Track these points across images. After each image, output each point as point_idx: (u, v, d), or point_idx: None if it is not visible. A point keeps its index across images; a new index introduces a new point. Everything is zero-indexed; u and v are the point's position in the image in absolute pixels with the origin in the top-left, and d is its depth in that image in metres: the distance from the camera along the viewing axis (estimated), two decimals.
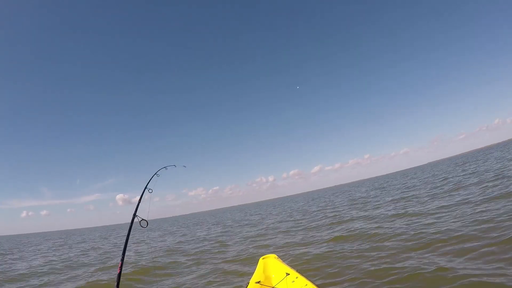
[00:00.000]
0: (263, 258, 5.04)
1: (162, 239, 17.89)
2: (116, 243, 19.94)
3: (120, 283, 3.27)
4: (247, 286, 4.13)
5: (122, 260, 3.40)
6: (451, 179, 17.62)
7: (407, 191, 17.58)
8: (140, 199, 3.93)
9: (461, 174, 19.12)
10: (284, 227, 13.35)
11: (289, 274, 4.09)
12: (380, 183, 43.18)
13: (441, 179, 19.62)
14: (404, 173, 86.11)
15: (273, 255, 5.11)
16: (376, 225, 8.88)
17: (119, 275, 3.29)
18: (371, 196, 21.56)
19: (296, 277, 3.97)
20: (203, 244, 12.17)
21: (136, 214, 3.81)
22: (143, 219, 3.72)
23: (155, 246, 14.10)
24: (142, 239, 18.46)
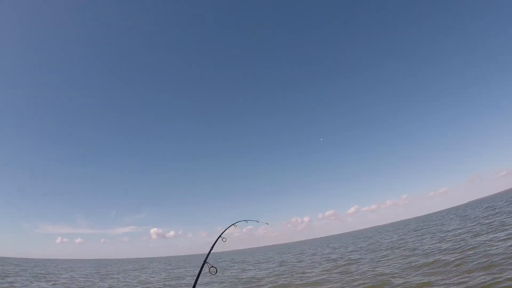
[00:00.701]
0: None
1: None
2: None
3: None
4: None
5: None
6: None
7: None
8: (212, 247, 4.35)
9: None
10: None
11: None
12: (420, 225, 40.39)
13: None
14: (441, 214, 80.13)
15: None
16: None
17: None
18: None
19: None
20: None
21: (207, 261, 3.97)
22: (212, 266, 3.83)
23: None
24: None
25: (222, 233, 4.65)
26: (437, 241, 16.01)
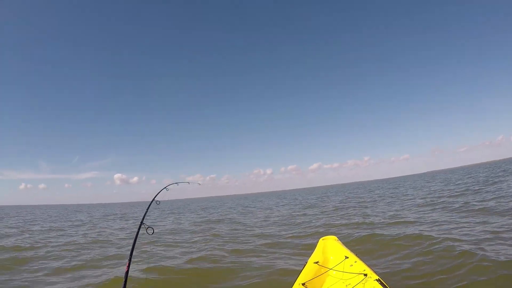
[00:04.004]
0: (323, 239, 4.87)
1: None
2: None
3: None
4: (305, 265, 4.09)
5: (130, 260, 3.49)
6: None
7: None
8: (147, 210, 4.25)
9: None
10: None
11: (348, 257, 4.03)
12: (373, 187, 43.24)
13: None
14: (403, 179, 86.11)
15: (333, 237, 4.92)
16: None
17: (127, 273, 3.33)
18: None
19: (355, 261, 3.89)
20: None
21: (143, 222, 3.97)
22: (149, 227, 3.83)
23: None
24: None
25: (155, 197, 4.59)
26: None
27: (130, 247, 3.68)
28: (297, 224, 12.63)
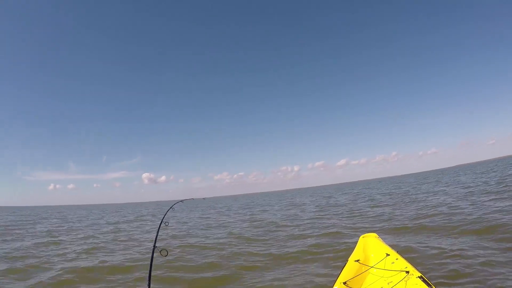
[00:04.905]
0: (363, 237, 4.85)
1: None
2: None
3: None
4: (346, 263, 4.02)
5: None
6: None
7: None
8: (158, 232, 3.82)
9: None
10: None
11: (389, 254, 3.94)
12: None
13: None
14: (426, 175, 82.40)
15: (374, 234, 4.91)
16: None
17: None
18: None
19: (396, 259, 3.80)
20: None
21: (156, 246, 3.76)
22: (163, 249, 3.60)
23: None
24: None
25: (163, 218, 4.45)
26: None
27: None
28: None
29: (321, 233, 10.22)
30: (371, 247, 4.45)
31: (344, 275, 3.76)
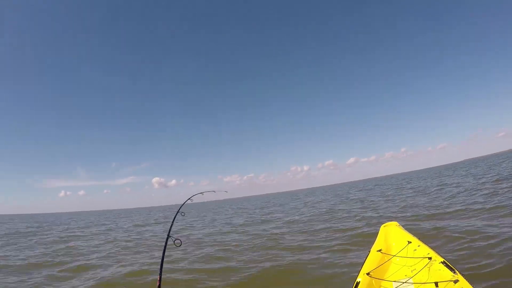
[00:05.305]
0: (384, 226, 4.81)
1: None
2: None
3: None
4: (369, 254, 4.02)
5: (160, 275, 3.37)
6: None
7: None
8: (173, 222, 4.03)
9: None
10: None
11: (411, 242, 3.95)
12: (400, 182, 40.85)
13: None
14: (437, 170, 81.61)
15: (395, 223, 4.85)
16: None
17: (159, 287, 3.21)
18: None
19: (418, 246, 3.82)
20: None
21: (170, 235, 3.84)
22: (177, 239, 3.69)
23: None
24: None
25: (180, 208, 4.39)
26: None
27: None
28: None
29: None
30: (392, 236, 4.44)
31: (368, 265, 3.79)
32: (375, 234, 4.74)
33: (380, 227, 4.89)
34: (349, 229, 9.87)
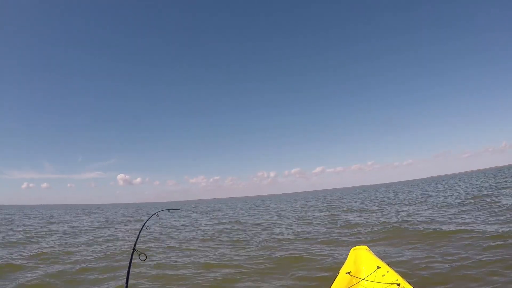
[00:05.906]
0: (354, 250, 4.81)
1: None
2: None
3: None
4: (337, 275, 4.03)
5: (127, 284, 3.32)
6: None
7: None
8: (138, 235, 4.06)
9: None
10: None
11: (380, 267, 3.96)
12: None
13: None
14: (407, 184, 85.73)
15: (365, 247, 4.83)
16: None
17: None
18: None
19: (387, 271, 3.84)
20: None
21: (135, 249, 3.84)
22: (142, 253, 3.67)
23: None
24: None
25: (145, 222, 4.54)
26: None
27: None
28: None
29: None
30: (362, 260, 4.45)
31: (335, 287, 3.82)
32: None
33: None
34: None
